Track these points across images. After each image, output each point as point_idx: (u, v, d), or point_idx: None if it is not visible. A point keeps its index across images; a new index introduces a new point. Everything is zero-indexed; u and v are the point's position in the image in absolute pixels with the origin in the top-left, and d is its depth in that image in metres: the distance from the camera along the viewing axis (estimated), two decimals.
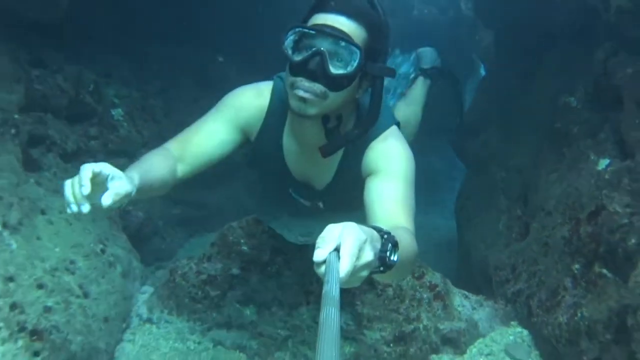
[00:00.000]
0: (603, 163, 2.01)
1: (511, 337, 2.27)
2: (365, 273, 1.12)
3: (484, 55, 4.42)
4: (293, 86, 1.71)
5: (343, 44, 1.64)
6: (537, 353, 2.21)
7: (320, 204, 2.27)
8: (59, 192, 2.30)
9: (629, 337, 1.69)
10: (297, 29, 1.68)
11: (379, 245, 1.18)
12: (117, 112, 3.10)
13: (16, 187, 2.23)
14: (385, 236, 1.22)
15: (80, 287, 2.11)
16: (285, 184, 2.24)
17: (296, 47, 1.70)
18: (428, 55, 3.61)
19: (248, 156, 2.25)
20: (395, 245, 1.23)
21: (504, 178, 3.11)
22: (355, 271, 1.05)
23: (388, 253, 1.19)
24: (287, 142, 2.07)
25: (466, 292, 2.42)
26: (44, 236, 2.18)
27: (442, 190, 5.00)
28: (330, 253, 1.05)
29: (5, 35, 2.64)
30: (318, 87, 1.67)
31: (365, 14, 1.70)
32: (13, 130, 2.48)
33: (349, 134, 1.86)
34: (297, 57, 1.67)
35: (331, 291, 0.93)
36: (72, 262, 2.17)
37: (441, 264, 2.92)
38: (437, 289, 2.19)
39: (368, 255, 1.09)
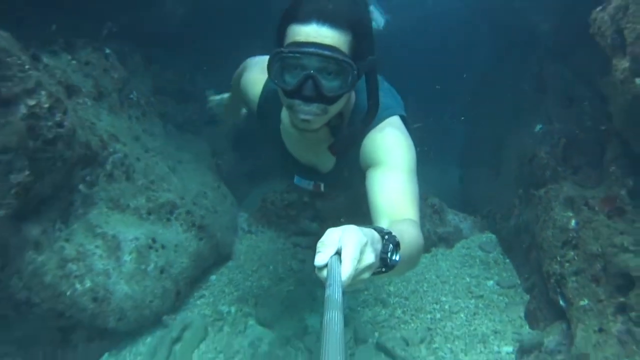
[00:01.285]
0: (538, 127, 3.27)
1: (484, 239, 3.56)
2: (367, 275, 1.12)
3: None
4: (292, 109, 1.68)
5: (332, 61, 1.56)
6: (499, 249, 3.50)
7: (322, 187, 2.24)
8: (183, 150, 3.60)
9: (546, 226, 2.98)
10: (282, 55, 1.59)
11: (379, 247, 1.19)
12: (209, 92, 4.35)
13: (165, 146, 3.52)
14: (386, 237, 1.24)
15: (213, 206, 3.40)
16: (290, 164, 2.21)
17: (284, 70, 1.63)
18: None
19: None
20: (396, 246, 1.24)
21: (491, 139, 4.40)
22: (357, 274, 1.07)
23: (389, 254, 1.20)
24: (286, 131, 2.04)
25: (456, 211, 3.72)
26: (185, 177, 3.47)
27: None
28: (331, 257, 1.06)
29: (135, 43, 3.86)
30: (317, 107, 1.64)
31: (346, 14, 1.57)
32: (152, 108, 3.75)
33: (355, 129, 1.83)
34: (289, 84, 1.62)
35: (334, 294, 0.94)
36: (204, 193, 3.46)
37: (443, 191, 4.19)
38: (435, 207, 3.49)
39: (369, 258, 1.10)
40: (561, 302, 2.45)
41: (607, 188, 2.42)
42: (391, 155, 1.78)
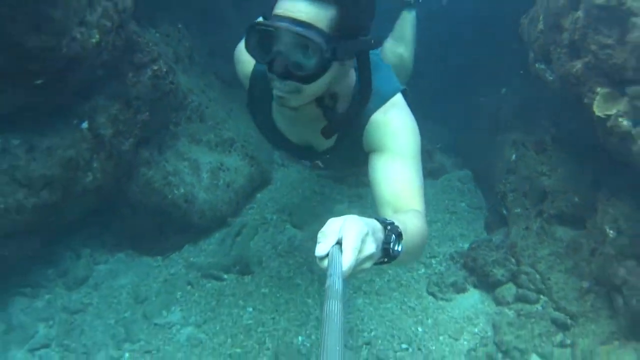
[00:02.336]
0: (503, 90, 4.36)
1: (462, 174, 4.69)
2: (368, 265, 1.14)
3: None
4: (271, 82, 1.66)
5: (300, 40, 1.52)
6: (473, 182, 4.62)
7: (320, 163, 2.23)
8: (233, 101, 4.72)
9: (499, 160, 4.10)
10: (256, 28, 1.60)
11: (382, 237, 1.21)
12: None
13: (221, 97, 4.62)
14: (389, 227, 1.24)
15: (257, 143, 4.53)
16: (284, 146, 2.21)
17: (260, 45, 1.62)
18: None
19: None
20: (399, 236, 1.25)
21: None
22: (358, 264, 1.08)
23: (392, 244, 1.22)
24: (277, 112, 2.05)
25: (444, 153, 4.84)
26: (237, 121, 4.57)
27: None
28: (332, 247, 1.08)
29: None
30: (289, 85, 1.61)
31: None
32: (209, 67, 4.84)
33: (348, 113, 1.79)
34: (262, 59, 1.61)
35: (334, 284, 0.96)
36: (250, 133, 4.58)
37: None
38: (426, 148, 4.62)
39: (370, 248, 1.12)
40: (504, 212, 3.61)
41: (539, 135, 3.53)
42: (397, 141, 1.75)
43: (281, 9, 1.52)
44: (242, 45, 1.93)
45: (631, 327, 2.58)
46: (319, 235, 1.12)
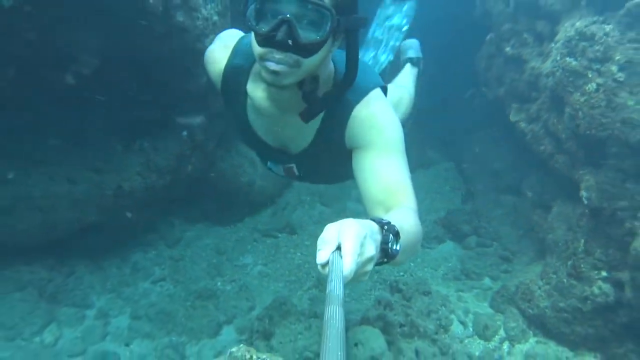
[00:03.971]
0: (468, 92, 5.97)
1: (447, 165, 6.27)
2: (369, 267, 1.17)
3: None
4: (263, 58, 1.61)
5: (310, 6, 1.51)
6: (455, 169, 6.20)
7: (295, 170, 2.14)
8: None
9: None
10: None
11: (379, 238, 1.23)
12: None
13: None
14: (386, 227, 1.27)
15: None
16: (257, 147, 2.17)
17: (259, 15, 1.57)
18: (413, 46, 3.71)
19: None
20: (396, 235, 1.28)
21: None
22: (359, 268, 1.11)
23: (390, 244, 1.24)
24: (253, 105, 1.97)
25: (433, 148, 6.44)
26: None
27: None
28: (332, 253, 1.10)
29: None
30: (290, 57, 1.57)
31: None
32: None
33: (329, 96, 1.76)
34: (263, 28, 1.55)
35: (335, 290, 0.98)
36: None
37: None
38: (419, 145, 6.22)
39: (370, 250, 1.15)
40: (471, 189, 5.22)
41: (494, 133, 5.14)
42: (382, 137, 1.75)
43: None
44: (212, 46, 2.04)
45: (543, 251, 4.15)
46: (319, 242, 1.13)
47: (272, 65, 1.60)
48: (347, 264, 1.06)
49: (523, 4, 4.08)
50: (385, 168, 1.71)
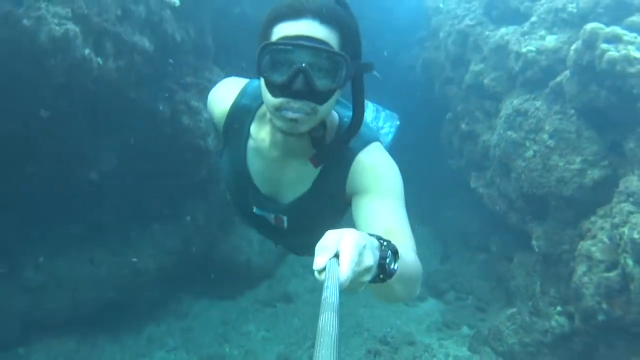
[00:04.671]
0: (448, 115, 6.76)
1: (426, 230, 6.95)
2: (366, 278, 1.16)
3: None
4: (279, 109, 1.63)
5: (324, 55, 1.57)
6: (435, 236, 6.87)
7: (285, 221, 2.09)
8: None
9: None
10: (272, 47, 1.58)
11: (378, 253, 1.22)
12: None
13: None
14: (385, 243, 1.27)
15: None
16: (248, 196, 2.10)
17: (274, 66, 1.60)
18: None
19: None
20: (395, 253, 1.27)
21: None
22: (355, 276, 1.10)
23: (388, 260, 1.23)
24: (254, 147, 1.98)
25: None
26: None
27: None
28: (329, 259, 1.09)
29: None
30: (307, 105, 1.61)
31: (335, 13, 1.60)
32: None
33: (340, 140, 1.80)
34: (279, 78, 1.58)
35: (330, 297, 0.98)
36: None
37: None
38: None
39: (368, 261, 1.14)
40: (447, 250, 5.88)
41: None
42: (384, 183, 1.78)
43: (294, 30, 1.56)
44: (219, 87, 2.10)
45: (510, 297, 4.76)
46: (317, 248, 1.13)
47: (290, 114, 1.62)
48: (344, 271, 1.07)
49: (472, 87, 4.92)
50: (385, 211, 1.72)
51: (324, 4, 1.59)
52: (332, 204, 1.95)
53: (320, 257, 1.10)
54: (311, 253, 2.09)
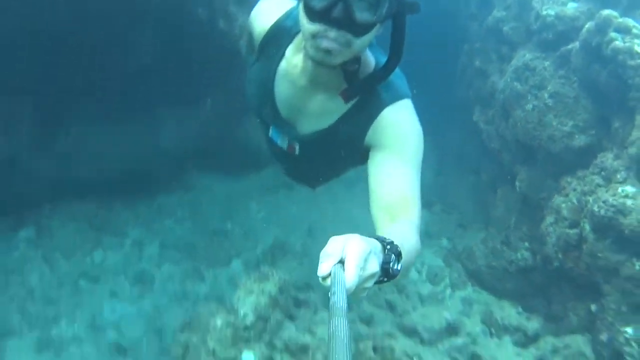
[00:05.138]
0: None
1: None
2: (370, 284, 1.17)
3: None
4: (315, 36, 1.60)
5: None
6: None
7: (297, 148, 2.08)
8: None
9: None
10: None
11: (382, 256, 1.23)
12: None
13: None
14: (389, 247, 1.27)
15: None
16: (267, 116, 2.09)
17: None
18: None
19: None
20: (398, 256, 1.28)
21: None
22: (360, 282, 1.10)
23: (391, 264, 1.24)
24: (285, 70, 1.96)
25: None
26: None
27: None
28: (334, 265, 1.10)
29: None
30: (343, 36, 1.58)
31: None
32: None
33: (374, 76, 1.78)
34: (318, 4, 1.55)
35: (338, 302, 0.98)
36: None
37: None
38: None
39: (373, 267, 1.15)
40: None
41: None
42: (406, 144, 1.76)
43: None
44: (266, 2, 2.07)
45: (488, 222, 5.28)
46: (322, 254, 1.14)
47: (325, 43, 1.59)
48: (350, 277, 1.07)
49: (492, 30, 5.14)
50: (401, 177, 1.71)
51: None
52: (348, 147, 1.92)
53: (325, 264, 1.11)
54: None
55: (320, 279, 1.12)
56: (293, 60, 1.92)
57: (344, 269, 1.09)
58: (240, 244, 5.42)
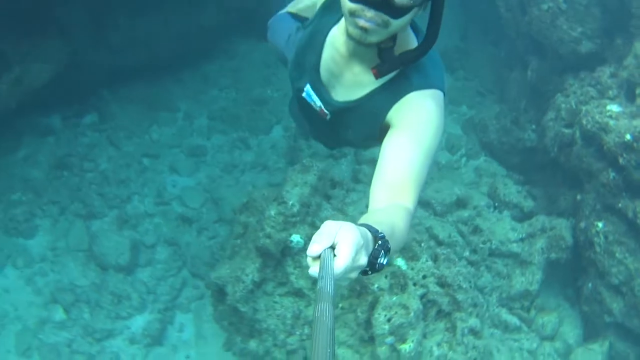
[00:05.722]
0: None
1: None
2: (354, 274, 1.20)
3: None
4: (354, 14, 1.65)
5: None
6: None
7: (328, 113, 2.15)
8: None
9: None
10: None
11: (371, 249, 1.27)
12: None
13: None
14: (380, 242, 1.31)
15: None
16: (307, 76, 2.16)
17: None
18: None
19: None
20: (387, 251, 1.31)
21: None
22: (347, 271, 1.13)
23: (379, 259, 1.28)
24: (333, 40, 2.04)
25: None
26: None
27: None
28: (325, 249, 1.12)
29: None
30: (380, 17, 1.62)
31: None
32: None
33: (406, 55, 1.80)
34: None
35: (326, 287, 1.00)
36: None
37: None
38: None
39: (362, 260, 1.18)
40: None
41: None
42: (423, 130, 1.79)
43: None
44: None
45: (503, 99, 5.77)
46: (315, 235, 1.16)
47: (362, 22, 1.64)
48: (340, 266, 1.09)
49: None
50: (410, 159, 1.74)
51: None
52: (370, 123, 1.99)
53: (317, 245, 1.13)
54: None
55: (309, 259, 1.14)
56: (341, 29, 1.96)
57: (334, 255, 1.12)
58: (279, 109, 5.94)
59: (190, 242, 5.02)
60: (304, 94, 2.20)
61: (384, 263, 1.30)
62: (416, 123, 1.81)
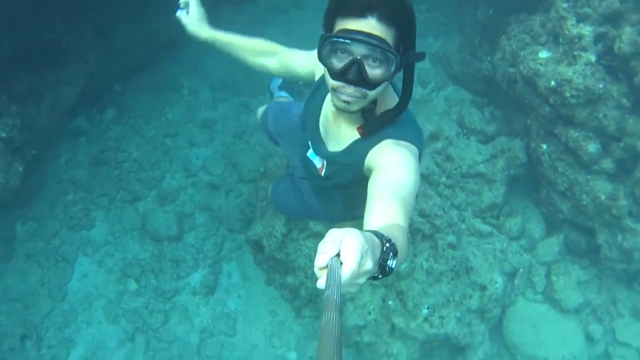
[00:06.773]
0: None
1: None
2: (362, 280, 1.23)
3: None
4: (335, 90, 1.95)
5: (379, 50, 1.79)
6: None
7: (324, 170, 2.44)
8: None
9: None
10: (332, 40, 1.83)
11: (378, 253, 1.31)
12: None
13: None
14: (387, 245, 1.35)
15: None
16: (309, 137, 2.52)
17: (332, 53, 1.88)
18: None
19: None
20: (395, 254, 1.36)
21: None
22: (354, 277, 1.17)
23: (389, 262, 1.32)
24: (328, 100, 2.35)
25: None
26: None
27: None
28: (331, 258, 1.16)
29: None
30: (359, 91, 1.91)
31: (397, 14, 1.80)
32: None
33: (386, 115, 2.07)
34: (337, 65, 1.87)
35: (333, 295, 1.02)
36: None
37: None
38: None
39: (368, 264, 1.22)
40: None
41: None
42: (401, 167, 1.92)
43: (353, 25, 1.78)
44: None
45: (464, 32, 6.62)
46: (320, 245, 1.20)
47: (344, 97, 1.94)
48: (346, 272, 1.12)
49: None
50: (396, 188, 1.83)
51: (390, 5, 1.79)
52: (355, 166, 2.20)
53: (324, 255, 1.18)
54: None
55: (316, 269, 1.19)
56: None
57: (340, 263, 1.15)
58: None
59: (221, 204, 5.92)
60: (308, 154, 2.55)
61: (393, 267, 1.35)
62: (394, 162, 1.98)
